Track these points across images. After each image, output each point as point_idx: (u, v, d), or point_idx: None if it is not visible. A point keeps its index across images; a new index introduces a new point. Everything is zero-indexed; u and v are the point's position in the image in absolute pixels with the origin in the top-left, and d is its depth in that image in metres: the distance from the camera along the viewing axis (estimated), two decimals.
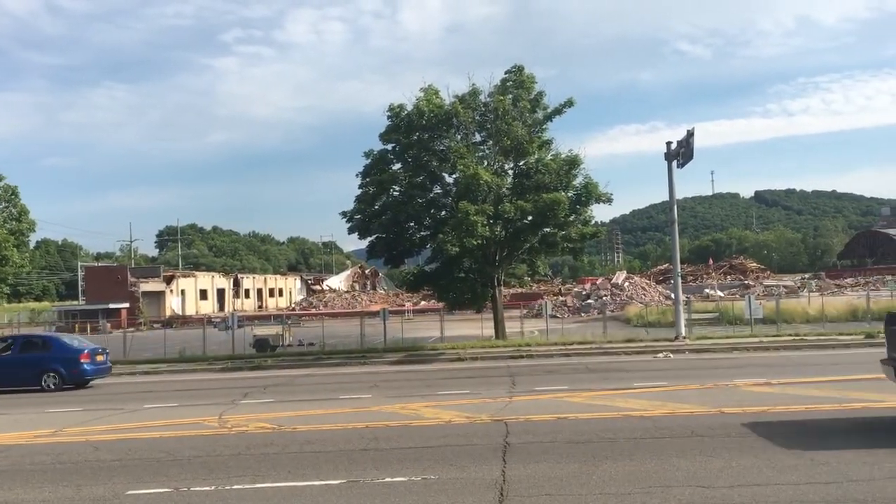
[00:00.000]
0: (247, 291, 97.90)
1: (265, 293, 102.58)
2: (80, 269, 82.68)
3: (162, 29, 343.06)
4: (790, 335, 26.78)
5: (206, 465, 9.60)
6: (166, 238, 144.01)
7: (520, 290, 62.11)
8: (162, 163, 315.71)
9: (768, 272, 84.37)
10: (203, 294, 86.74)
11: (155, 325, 63.20)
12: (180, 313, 75.19)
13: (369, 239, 29.80)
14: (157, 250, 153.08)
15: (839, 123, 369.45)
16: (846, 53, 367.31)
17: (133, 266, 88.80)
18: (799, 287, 63.07)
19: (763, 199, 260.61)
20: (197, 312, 75.90)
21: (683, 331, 27.70)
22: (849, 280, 74.24)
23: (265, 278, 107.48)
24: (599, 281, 66.69)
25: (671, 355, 23.58)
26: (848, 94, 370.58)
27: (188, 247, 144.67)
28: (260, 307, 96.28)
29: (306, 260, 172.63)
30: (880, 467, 8.11)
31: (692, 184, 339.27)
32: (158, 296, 76.48)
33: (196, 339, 32.83)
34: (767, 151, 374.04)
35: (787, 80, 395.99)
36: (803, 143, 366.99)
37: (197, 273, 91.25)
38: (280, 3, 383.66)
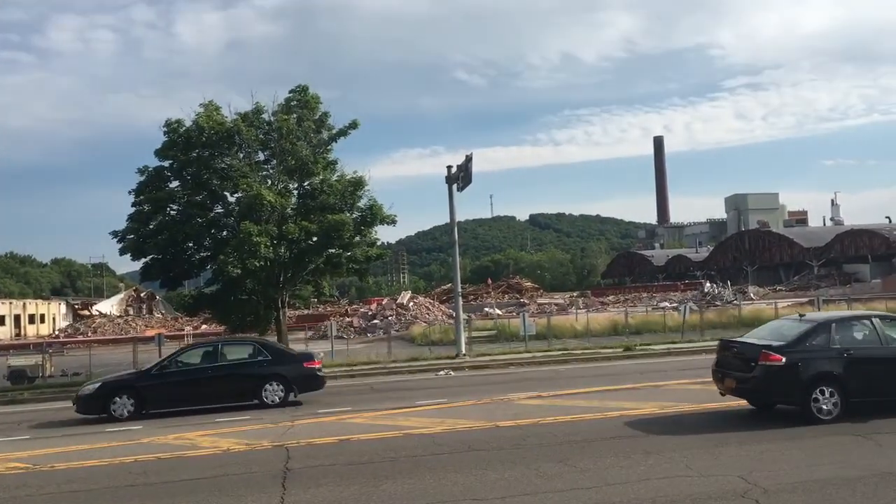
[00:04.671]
0: (2, 318, 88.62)
1: (24, 320, 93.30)
2: None
3: None
4: (560, 350, 28.56)
5: None
6: None
7: (306, 311, 61.42)
8: None
9: (542, 291, 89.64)
10: None
11: None
12: None
13: (144, 260, 28.08)
14: None
15: (599, 153, 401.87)
16: (604, 89, 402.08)
17: None
18: (568, 304, 67.57)
19: (537, 222, 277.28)
20: None
21: (464, 348, 28.68)
22: (611, 297, 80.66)
23: (24, 303, 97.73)
24: (385, 301, 67.42)
25: (452, 372, 24.32)
26: (606, 126, 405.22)
27: None
28: (18, 335, 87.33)
29: (73, 283, 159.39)
30: (635, 470, 8.85)
31: (473, 207, 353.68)
32: None
33: None
34: (539, 177, 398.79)
35: (554, 111, 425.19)
36: (570, 171, 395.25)
37: None
38: (40, 8, 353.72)
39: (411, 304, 62.16)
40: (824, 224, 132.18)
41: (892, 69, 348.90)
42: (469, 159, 28.01)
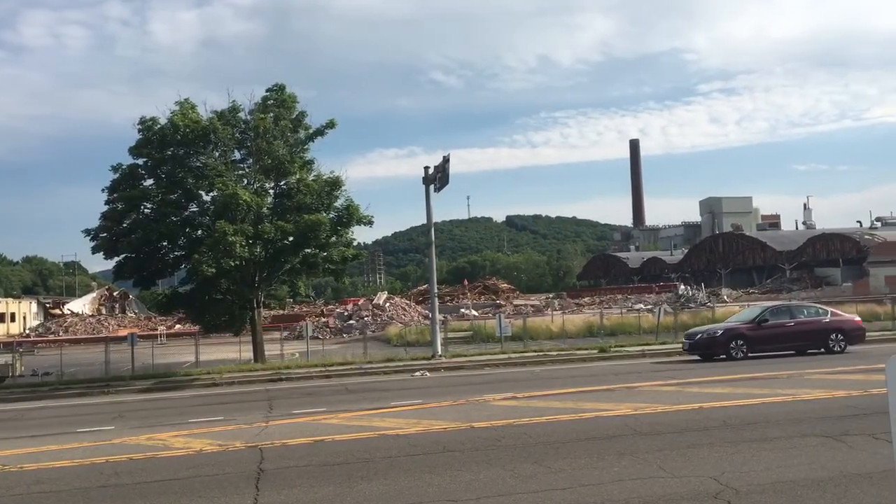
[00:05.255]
0: None
1: None
2: None
3: None
4: (535, 351, 28.68)
5: None
6: None
7: (281, 311, 61.15)
8: None
9: (518, 292, 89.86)
10: None
11: None
12: None
13: (117, 259, 27.85)
14: None
15: (576, 155, 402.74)
16: (580, 92, 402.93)
17: None
18: (544, 306, 67.84)
19: (513, 223, 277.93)
20: None
21: (440, 349, 28.70)
22: (586, 299, 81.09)
23: None
24: (361, 302, 67.31)
25: (428, 373, 24.33)
26: (582, 129, 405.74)
27: None
28: None
29: (45, 282, 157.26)
30: (608, 471, 8.90)
31: (450, 207, 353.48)
32: None
33: None
34: (516, 179, 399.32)
35: (531, 113, 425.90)
36: (546, 173, 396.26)
37: None
38: (11, 2, 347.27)
39: (387, 304, 62.07)
40: (797, 228, 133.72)
41: (863, 75, 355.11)
42: (446, 160, 28.05)
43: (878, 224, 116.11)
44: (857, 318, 25.34)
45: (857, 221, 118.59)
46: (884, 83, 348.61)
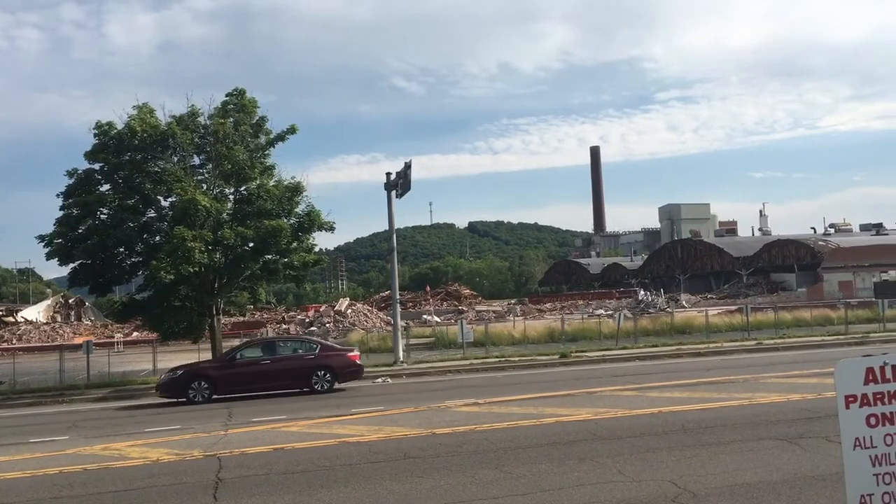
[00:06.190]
0: None
1: None
2: None
3: None
4: (497, 357, 28.73)
5: None
6: None
7: (242, 318, 60.42)
8: None
9: (480, 298, 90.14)
10: None
11: None
12: None
13: (72, 265, 27.28)
14: None
15: (537, 162, 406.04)
16: (541, 99, 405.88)
17: None
18: (506, 312, 68.04)
19: (476, 229, 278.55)
20: None
21: (402, 355, 28.65)
22: (548, 305, 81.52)
23: None
24: (323, 308, 66.90)
25: (389, 380, 24.25)
26: (543, 136, 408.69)
27: None
28: None
29: None
30: (569, 476, 8.95)
31: (412, 214, 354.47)
32: None
33: None
34: (478, 185, 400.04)
35: (492, 120, 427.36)
36: (508, 179, 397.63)
37: None
38: None
39: (349, 310, 61.81)
40: (753, 234, 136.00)
41: (816, 85, 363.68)
42: (408, 166, 28.07)
43: (832, 230, 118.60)
44: (354, 354, 23.17)
45: (812, 228, 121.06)
46: (836, 93, 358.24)
